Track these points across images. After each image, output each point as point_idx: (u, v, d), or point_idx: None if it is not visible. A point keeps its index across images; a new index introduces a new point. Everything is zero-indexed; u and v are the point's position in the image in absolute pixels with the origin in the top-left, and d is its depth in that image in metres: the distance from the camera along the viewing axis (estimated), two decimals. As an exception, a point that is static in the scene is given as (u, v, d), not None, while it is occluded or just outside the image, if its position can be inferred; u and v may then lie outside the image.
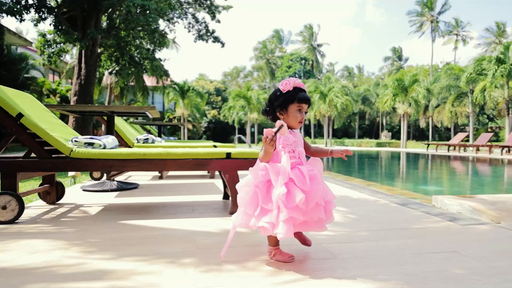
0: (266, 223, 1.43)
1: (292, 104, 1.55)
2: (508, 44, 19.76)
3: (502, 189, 5.25)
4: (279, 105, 1.57)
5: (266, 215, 1.44)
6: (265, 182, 1.49)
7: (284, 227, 1.39)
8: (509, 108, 20.00)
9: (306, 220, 1.47)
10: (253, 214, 1.48)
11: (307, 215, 1.46)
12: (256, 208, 1.47)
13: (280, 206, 1.41)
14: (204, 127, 40.79)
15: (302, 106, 1.57)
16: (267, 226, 1.42)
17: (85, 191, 3.66)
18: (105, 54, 14.14)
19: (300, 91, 1.57)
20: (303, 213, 1.45)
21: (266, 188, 1.48)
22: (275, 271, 1.47)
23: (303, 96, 1.56)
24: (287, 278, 1.41)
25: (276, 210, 1.42)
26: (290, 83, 1.56)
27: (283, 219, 1.40)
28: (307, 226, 1.52)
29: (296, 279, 1.39)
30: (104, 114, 3.76)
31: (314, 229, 1.54)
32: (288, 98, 1.55)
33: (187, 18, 14.75)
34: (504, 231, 2.13)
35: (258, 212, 1.46)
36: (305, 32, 55.04)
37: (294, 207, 1.41)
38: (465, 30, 43.60)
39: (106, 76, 21.58)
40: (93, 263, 1.55)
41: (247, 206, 1.49)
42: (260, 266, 1.53)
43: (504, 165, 9.55)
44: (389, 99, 25.34)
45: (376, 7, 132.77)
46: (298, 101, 1.55)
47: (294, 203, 1.41)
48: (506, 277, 1.42)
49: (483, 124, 35.48)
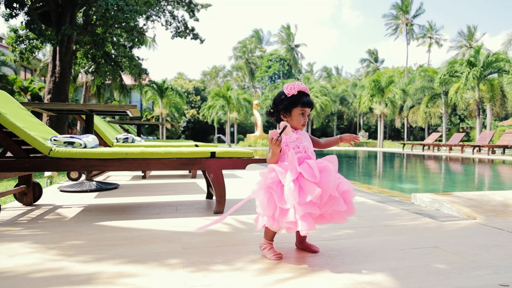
0: (287, 223, 1.46)
1: (295, 107, 1.60)
2: (479, 47, 20.56)
3: (475, 186, 5.46)
4: (283, 108, 1.61)
5: (285, 216, 1.47)
6: (277, 182, 1.52)
7: (303, 224, 1.42)
8: (480, 109, 20.84)
9: (322, 213, 1.51)
10: (274, 216, 1.50)
11: (323, 208, 1.50)
12: (275, 209, 1.50)
13: (294, 204, 1.44)
14: (183, 127, 40.36)
15: (305, 110, 1.61)
16: (291, 225, 1.46)
17: (63, 191, 3.56)
18: (81, 51, 13.75)
19: (304, 95, 1.61)
20: (319, 207, 1.48)
21: (280, 188, 1.51)
22: (264, 270, 1.48)
23: (306, 101, 1.60)
24: (277, 276, 1.42)
25: (293, 209, 1.45)
26: (295, 87, 1.59)
27: (299, 217, 1.43)
28: (323, 220, 1.55)
29: (286, 277, 1.41)
30: (83, 113, 3.66)
31: (333, 221, 1.56)
32: (293, 102, 1.59)
33: (165, 16, 14.52)
34: (481, 227, 2.22)
35: (278, 214, 1.49)
36: (283, 33, 55.40)
37: (309, 202, 1.44)
38: (438, 33, 45.10)
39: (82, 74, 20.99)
40: (77, 265, 1.51)
41: (266, 209, 1.51)
42: (248, 265, 1.54)
43: (475, 164, 9.95)
44: (367, 100, 25.88)
45: (353, 9, 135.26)
46: (302, 105, 1.60)
47: (306, 199, 1.44)
48: (486, 271, 1.48)
49: (455, 125, 36.80)
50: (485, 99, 20.75)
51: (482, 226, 2.25)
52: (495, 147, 13.32)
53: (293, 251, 1.72)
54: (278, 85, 42.79)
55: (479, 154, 14.02)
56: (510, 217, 2.47)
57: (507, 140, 13.47)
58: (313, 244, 1.74)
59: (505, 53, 19.60)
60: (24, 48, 11.75)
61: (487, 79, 20.29)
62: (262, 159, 2.72)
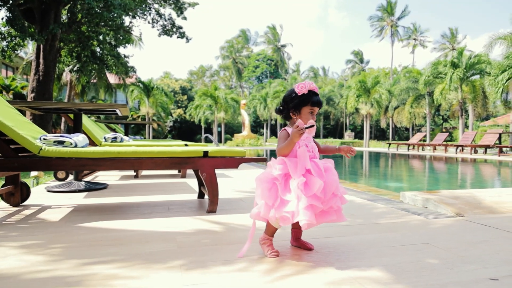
0: (286, 212, 1.48)
1: (305, 106, 1.63)
2: (462, 49, 21.06)
3: (461, 184, 5.60)
4: (293, 106, 1.64)
5: (286, 206, 1.50)
6: (283, 175, 1.55)
7: (306, 213, 1.45)
8: (462, 109, 21.33)
9: (326, 210, 1.55)
10: (273, 205, 1.53)
11: (326, 204, 1.53)
12: (276, 199, 1.53)
13: (299, 195, 1.48)
14: (170, 127, 40.04)
15: (314, 109, 1.64)
16: (288, 215, 1.48)
17: (51, 192, 3.49)
18: (65, 49, 13.48)
19: (314, 95, 1.64)
20: (322, 202, 1.51)
21: (284, 181, 1.55)
22: (262, 267, 1.49)
23: (316, 100, 1.64)
24: (275, 273, 1.43)
25: (296, 200, 1.48)
26: (306, 86, 1.62)
27: (303, 207, 1.46)
28: (328, 216, 1.58)
29: (285, 274, 1.42)
30: (72, 112, 3.60)
31: (335, 219, 1.60)
32: (303, 100, 1.62)
33: (151, 14, 14.34)
34: (468, 224, 2.29)
35: (278, 204, 1.52)
36: (269, 33, 55.57)
37: (313, 195, 1.48)
38: (423, 35, 45.95)
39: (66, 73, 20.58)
40: (71, 267, 1.49)
41: (268, 199, 1.53)
42: (246, 263, 1.55)
43: (458, 163, 10.18)
44: (353, 100, 26.18)
45: (338, 10, 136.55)
46: (312, 104, 1.63)
47: (312, 192, 1.48)
48: (476, 266, 1.53)
49: (438, 125, 37.56)
50: (468, 100, 21.25)
51: (469, 223, 2.31)
52: (477, 147, 13.66)
53: (289, 248, 1.74)
54: (265, 85, 42.84)
55: (462, 153, 14.35)
56: (495, 214, 2.55)
57: (489, 140, 13.83)
58: (308, 242, 1.76)
59: (486, 55, 20.09)
60: (6, 45, 11.45)
61: (469, 80, 20.80)
62: (254, 158, 2.73)
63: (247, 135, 27.67)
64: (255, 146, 23.87)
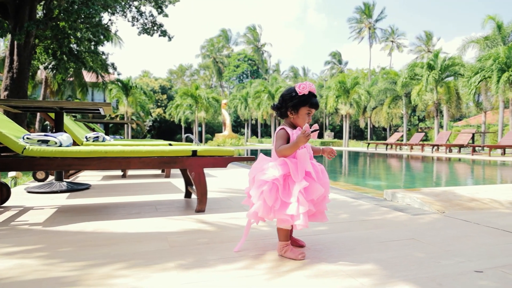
0: (287, 215, 1.49)
1: (304, 107, 1.64)
2: (437, 52, 21.74)
3: (439, 182, 5.79)
4: (292, 106, 1.64)
5: (286, 208, 1.51)
6: (285, 176, 1.55)
7: (304, 219, 1.48)
8: (438, 110, 22.03)
9: (314, 211, 1.57)
10: (273, 206, 1.53)
11: (316, 206, 1.57)
12: (276, 201, 1.53)
13: (301, 199, 1.49)
14: (149, 126, 39.42)
15: (311, 110, 1.66)
16: (288, 218, 1.49)
17: (31, 193, 3.39)
18: (41, 46, 13.05)
19: (313, 96, 1.65)
20: (315, 205, 1.55)
21: (284, 181, 1.55)
22: (257, 264, 1.51)
23: (315, 102, 1.65)
24: (272, 270, 1.45)
25: (297, 203, 1.49)
26: (306, 87, 1.62)
27: (303, 211, 1.48)
28: (314, 217, 1.61)
29: (282, 271, 1.44)
30: (53, 110, 3.51)
31: (319, 219, 1.64)
32: (303, 101, 1.62)
33: (131, 11, 14.06)
34: (450, 220, 2.38)
35: (279, 205, 1.52)
36: (249, 33, 55.62)
37: (311, 200, 1.51)
38: (400, 37, 47.11)
39: (41, 70, 19.92)
40: (63, 268, 1.46)
41: (268, 199, 1.52)
42: (241, 260, 1.56)
43: (434, 162, 10.53)
44: (332, 100, 26.56)
45: (317, 11, 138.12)
46: (310, 105, 1.64)
47: (311, 197, 1.51)
48: (461, 259, 1.60)
49: (414, 125, 38.63)
50: (442, 101, 21.96)
51: (451, 219, 2.40)
52: (452, 146, 14.14)
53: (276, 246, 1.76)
54: (246, 85, 42.84)
55: (438, 152, 14.82)
56: (474, 210, 2.66)
57: (463, 139, 14.35)
58: (299, 239, 1.79)
59: (460, 57, 20.85)
60: (-23, 41, 11.00)
61: (444, 82, 21.51)
62: (243, 157, 2.75)
63: (228, 135, 27.60)
64: (237, 146, 23.84)
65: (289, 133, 1.63)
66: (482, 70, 16.99)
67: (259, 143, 35.82)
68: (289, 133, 1.63)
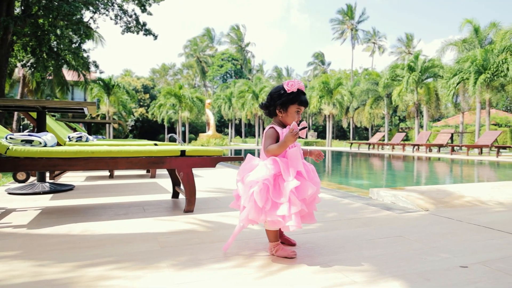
0: (279, 216, 1.46)
1: (293, 104, 1.60)
2: (418, 53, 22.27)
3: (421, 181, 5.94)
4: (280, 104, 1.60)
5: (278, 209, 1.47)
6: (275, 175, 1.51)
7: (296, 219, 1.45)
8: (418, 110, 22.54)
9: (307, 212, 1.55)
10: (264, 208, 1.48)
11: (308, 207, 1.55)
12: (267, 201, 1.48)
13: (292, 199, 1.46)
14: (131, 126, 38.83)
15: (301, 108, 1.62)
16: (280, 219, 1.46)
17: (12, 194, 3.30)
18: (19, 43, 12.67)
19: (302, 94, 1.62)
20: (307, 205, 1.53)
21: (274, 181, 1.50)
22: (250, 263, 1.52)
23: (304, 99, 1.62)
24: (264, 268, 1.46)
25: (288, 203, 1.46)
26: (295, 84, 1.59)
27: (294, 212, 1.45)
28: (303, 219, 1.57)
29: (274, 269, 1.46)
30: (35, 110, 3.42)
31: (309, 221, 1.62)
32: (291, 99, 1.59)
33: (113, 9, 13.81)
34: (434, 217, 2.45)
35: (270, 206, 1.48)
36: (232, 33, 55.53)
37: (303, 199, 1.49)
38: (381, 39, 47.98)
39: (18, 68, 19.33)
40: (53, 271, 1.43)
41: (259, 200, 1.47)
42: (234, 259, 1.57)
43: (415, 161, 10.78)
44: (316, 101, 26.82)
45: (300, 12, 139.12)
46: (299, 103, 1.61)
47: (303, 196, 1.48)
48: (446, 255, 1.65)
49: (395, 125, 39.40)
50: (422, 102, 22.50)
51: (435, 216, 2.47)
52: (432, 146, 14.51)
53: (267, 244, 1.77)
54: (230, 85, 42.73)
55: (418, 152, 15.18)
56: (456, 207, 2.75)
57: (442, 139, 14.75)
58: (290, 238, 1.81)
59: (439, 59, 21.40)
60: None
61: (424, 83, 22.05)
62: (231, 157, 2.75)
63: (212, 134, 27.49)
64: (221, 146, 23.77)
65: (278, 132, 1.59)
66: (460, 72, 17.50)
67: (243, 143, 35.83)
68: (278, 132, 1.59)
